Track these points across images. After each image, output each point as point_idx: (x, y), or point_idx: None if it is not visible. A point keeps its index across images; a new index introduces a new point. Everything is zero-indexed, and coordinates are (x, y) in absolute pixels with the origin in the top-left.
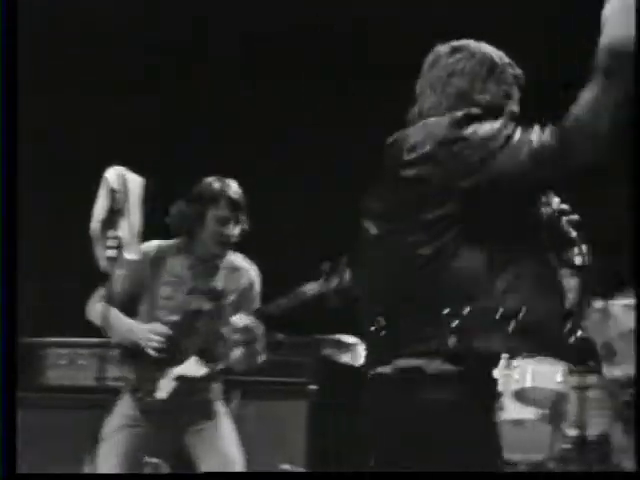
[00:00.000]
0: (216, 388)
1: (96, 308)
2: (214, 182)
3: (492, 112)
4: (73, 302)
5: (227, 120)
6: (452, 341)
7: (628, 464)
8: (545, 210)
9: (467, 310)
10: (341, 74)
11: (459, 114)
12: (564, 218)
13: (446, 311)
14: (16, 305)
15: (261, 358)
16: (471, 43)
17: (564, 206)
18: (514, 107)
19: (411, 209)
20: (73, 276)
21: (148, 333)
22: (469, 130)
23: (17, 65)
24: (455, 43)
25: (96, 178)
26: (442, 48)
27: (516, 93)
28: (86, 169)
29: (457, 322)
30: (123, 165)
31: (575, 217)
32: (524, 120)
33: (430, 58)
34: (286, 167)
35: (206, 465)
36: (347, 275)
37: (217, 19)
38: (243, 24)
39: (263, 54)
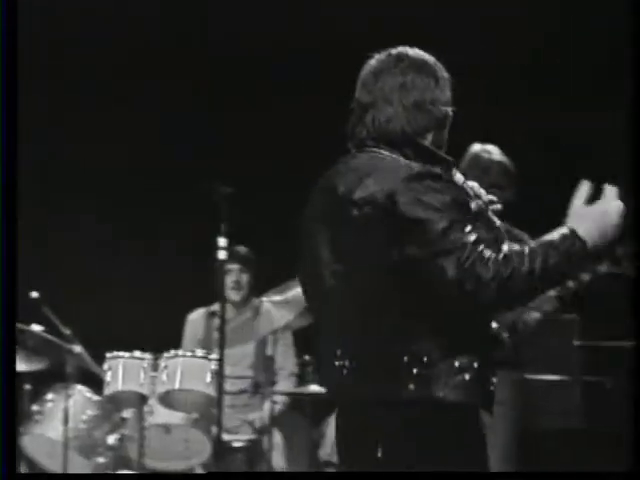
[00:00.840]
0: None
1: None
2: None
3: (444, 122)
4: (72, 301)
5: (227, 120)
6: (411, 388)
7: (278, 465)
8: (476, 202)
9: (426, 359)
10: (341, 74)
11: (416, 170)
12: (490, 207)
13: (406, 359)
14: (16, 303)
15: None
16: (408, 50)
17: (491, 197)
18: (450, 112)
19: (365, 250)
20: (73, 275)
21: None
22: (422, 194)
23: (17, 65)
24: (393, 51)
25: (96, 178)
26: (382, 57)
27: (450, 96)
28: (86, 169)
29: (416, 370)
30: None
31: (499, 207)
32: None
33: (371, 68)
34: (288, 167)
35: None
36: None
37: (217, 19)
38: (243, 24)
39: (263, 54)
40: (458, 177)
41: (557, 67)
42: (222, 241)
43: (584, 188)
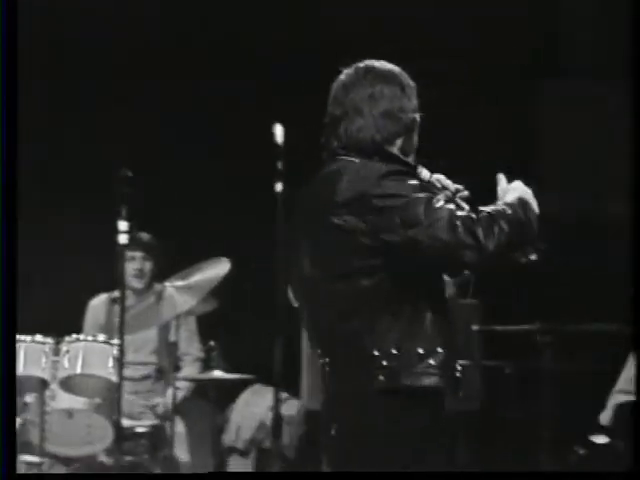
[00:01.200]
0: None
1: None
2: None
3: (412, 127)
4: (73, 301)
5: (227, 119)
6: (381, 379)
7: (183, 456)
8: (445, 193)
9: (395, 350)
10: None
11: (385, 170)
12: (458, 195)
13: (375, 352)
14: (16, 305)
15: None
16: (374, 62)
17: (458, 186)
18: (418, 117)
19: (343, 255)
20: (73, 275)
21: None
22: (393, 189)
23: (17, 65)
24: (360, 65)
25: (96, 178)
26: (350, 71)
27: (417, 103)
28: (86, 169)
29: (386, 362)
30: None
31: (466, 193)
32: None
33: (341, 82)
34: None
35: None
36: None
37: (217, 19)
38: (243, 24)
39: (263, 54)
40: (425, 173)
41: (557, 67)
42: (123, 225)
43: (502, 177)
